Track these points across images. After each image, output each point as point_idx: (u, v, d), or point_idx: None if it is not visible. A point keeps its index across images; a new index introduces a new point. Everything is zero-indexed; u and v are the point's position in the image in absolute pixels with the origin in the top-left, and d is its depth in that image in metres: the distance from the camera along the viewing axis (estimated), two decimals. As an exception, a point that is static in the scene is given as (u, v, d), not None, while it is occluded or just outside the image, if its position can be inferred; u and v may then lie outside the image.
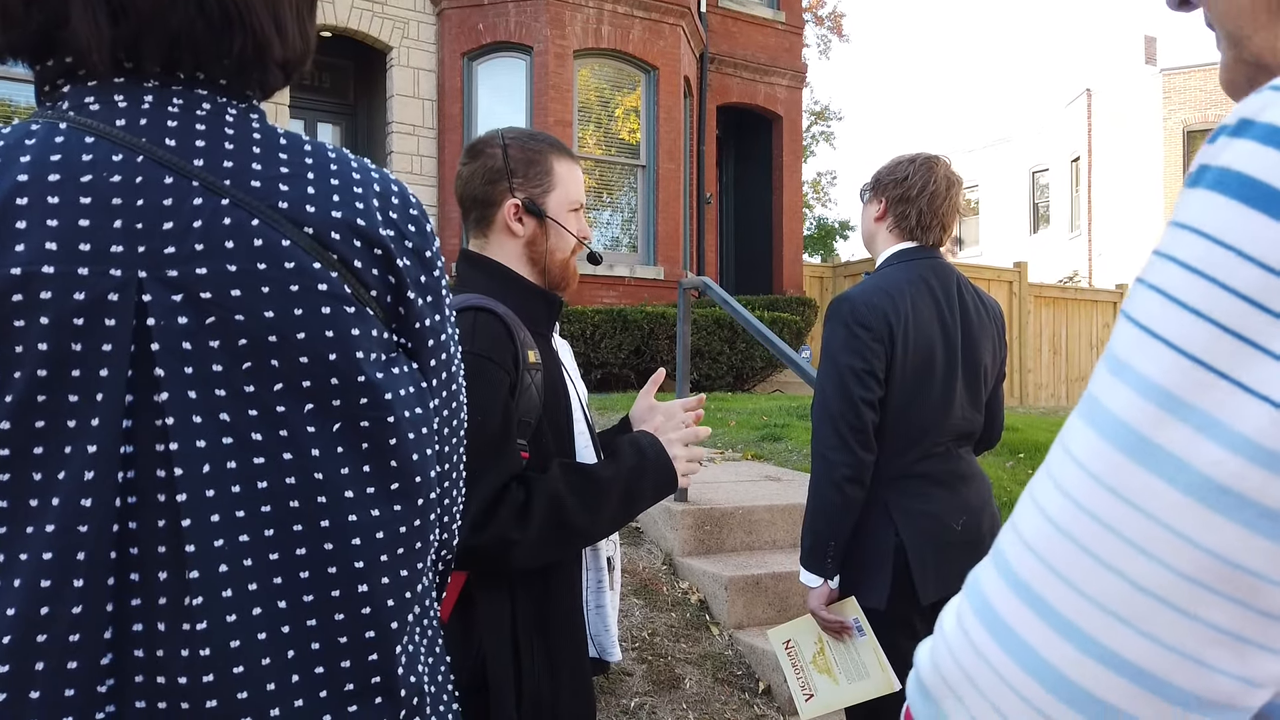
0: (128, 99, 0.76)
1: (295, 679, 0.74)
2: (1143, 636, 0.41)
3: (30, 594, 0.67)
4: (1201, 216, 0.43)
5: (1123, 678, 0.42)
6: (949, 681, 0.47)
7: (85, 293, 0.69)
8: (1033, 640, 0.44)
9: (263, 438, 0.74)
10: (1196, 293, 0.42)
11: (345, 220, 0.78)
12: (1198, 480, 0.40)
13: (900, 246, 2.21)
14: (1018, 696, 0.44)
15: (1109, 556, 0.42)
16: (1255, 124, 0.42)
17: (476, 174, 1.61)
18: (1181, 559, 0.40)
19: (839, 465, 2.03)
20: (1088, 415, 0.45)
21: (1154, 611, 0.41)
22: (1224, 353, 0.40)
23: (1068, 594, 0.43)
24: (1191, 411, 0.41)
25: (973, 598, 0.48)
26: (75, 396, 0.69)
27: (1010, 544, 0.47)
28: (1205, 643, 0.41)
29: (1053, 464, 0.46)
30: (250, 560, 0.73)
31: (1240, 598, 0.40)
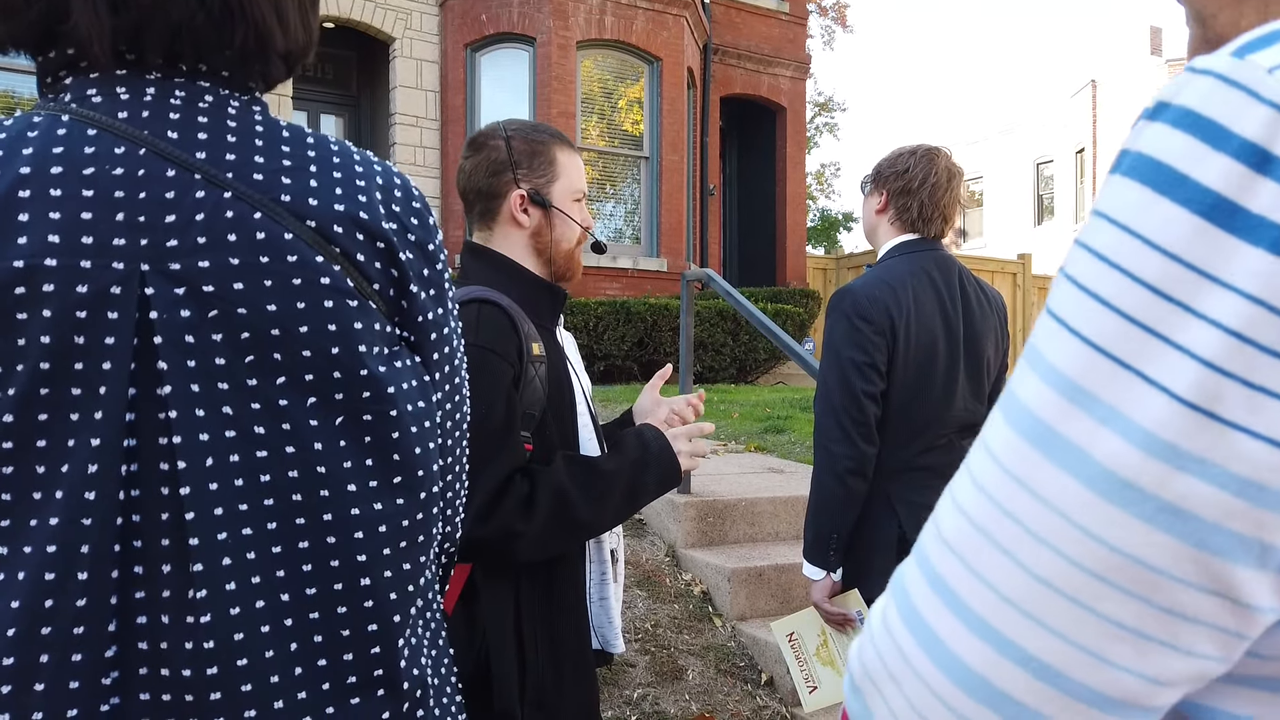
0: (130, 91, 0.75)
1: (298, 671, 0.74)
2: (1048, 632, 0.41)
3: (34, 586, 0.67)
4: (1113, 203, 0.42)
5: (1030, 674, 0.41)
6: (874, 678, 0.47)
7: (88, 285, 0.69)
8: (946, 636, 0.43)
9: (265, 431, 0.74)
10: (1104, 281, 0.41)
11: (348, 213, 0.78)
12: (1099, 473, 0.39)
13: (902, 239, 2.21)
14: (932, 693, 0.44)
15: (1016, 550, 0.41)
16: (1170, 107, 0.41)
17: (480, 167, 1.61)
18: (1083, 553, 0.40)
19: (841, 458, 2.03)
20: (1003, 405, 0.44)
21: (1058, 606, 0.40)
22: (1128, 343, 0.40)
23: (978, 588, 0.43)
24: (1095, 403, 0.40)
25: (896, 593, 0.48)
26: (78, 389, 0.69)
27: (929, 538, 0.46)
28: (1107, 639, 0.40)
29: (971, 456, 0.46)
30: (253, 553, 0.73)
31: (1141, 593, 0.39)
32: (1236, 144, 0.38)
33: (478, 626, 1.42)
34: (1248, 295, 0.37)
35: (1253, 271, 0.37)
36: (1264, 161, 0.38)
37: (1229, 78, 0.40)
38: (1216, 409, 0.38)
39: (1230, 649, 0.41)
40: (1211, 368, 0.38)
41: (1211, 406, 0.38)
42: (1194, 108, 0.40)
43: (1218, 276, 0.38)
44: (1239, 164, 0.38)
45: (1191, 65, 0.42)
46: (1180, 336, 0.39)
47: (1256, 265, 0.37)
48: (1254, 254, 0.37)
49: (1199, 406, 0.38)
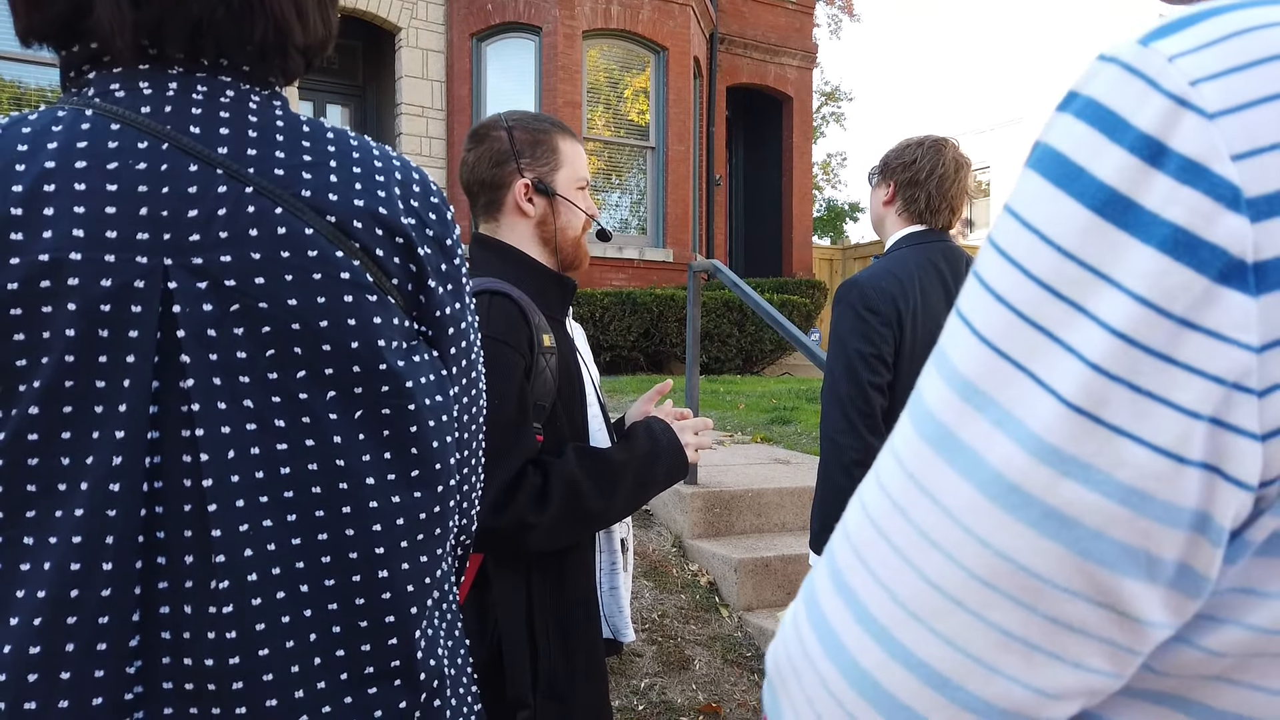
0: (152, 86, 0.76)
1: (317, 661, 0.75)
2: (937, 637, 0.40)
3: (60, 576, 0.68)
4: (1017, 197, 0.40)
5: (920, 680, 0.40)
6: (782, 675, 0.46)
7: (112, 279, 0.70)
8: (845, 637, 0.42)
9: (286, 424, 0.75)
10: (1003, 278, 0.39)
11: (367, 209, 0.78)
12: (990, 476, 0.38)
13: (909, 230, 2.21)
14: (828, 692, 0.43)
15: (910, 552, 0.40)
16: (1078, 97, 0.40)
17: (483, 158, 1.61)
18: (972, 558, 0.39)
19: (847, 449, 2.04)
20: (909, 406, 0.43)
21: (947, 611, 0.39)
22: (1021, 342, 0.38)
23: (873, 587, 0.42)
24: (989, 403, 0.39)
25: (805, 590, 0.46)
26: (102, 382, 0.70)
27: (837, 536, 0.45)
28: (995, 648, 0.39)
29: (879, 457, 0.45)
30: (274, 545, 0.74)
31: (1028, 602, 0.38)
32: (1133, 136, 0.37)
33: (489, 616, 1.43)
34: (1136, 295, 0.36)
35: (1142, 271, 0.36)
36: (1158, 155, 0.36)
37: (1132, 66, 0.38)
38: (1102, 413, 0.36)
39: (1122, 664, 0.39)
40: (1098, 370, 0.36)
41: (1097, 410, 0.36)
42: (1097, 97, 0.39)
43: (1108, 275, 0.37)
44: (1134, 157, 0.37)
45: (1102, 53, 0.40)
46: (1070, 337, 0.37)
47: (1146, 264, 0.36)
48: (1144, 252, 0.36)
49: (1085, 410, 0.37)
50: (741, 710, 3.08)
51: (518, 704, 1.41)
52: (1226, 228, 0.35)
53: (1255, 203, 0.35)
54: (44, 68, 7.91)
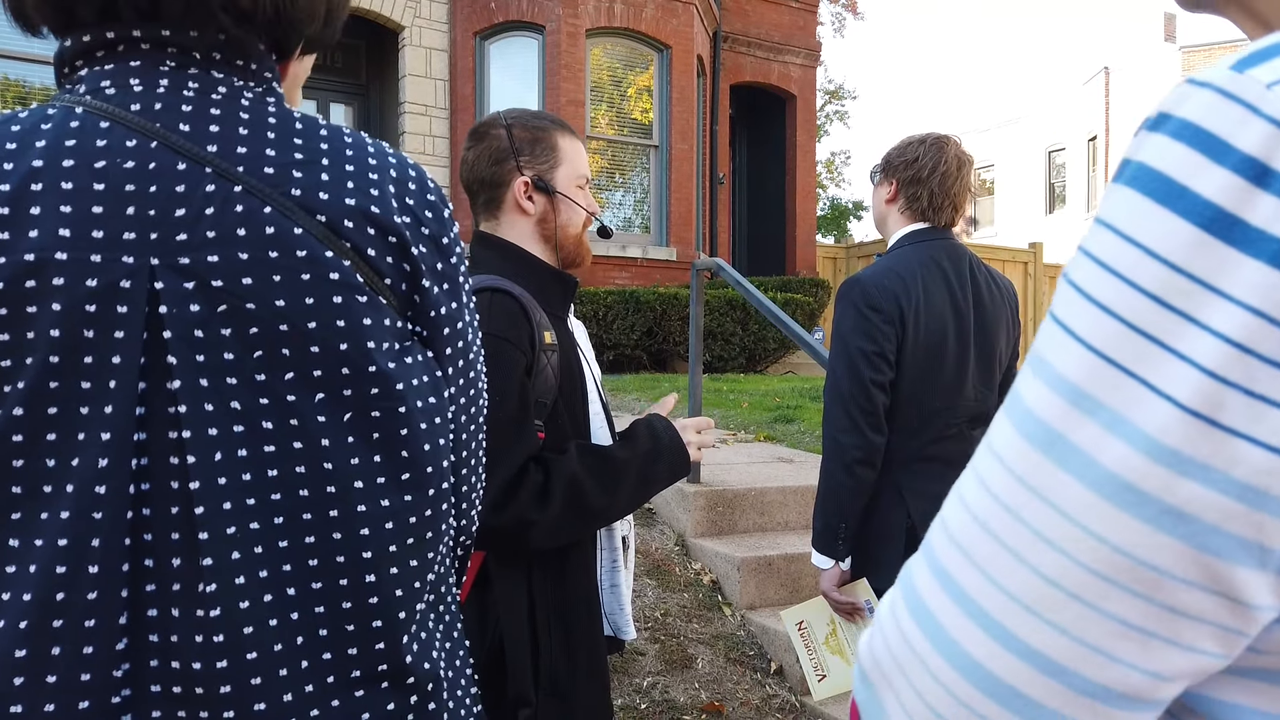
0: (143, 83, 0.75)
1: (304, 664, 0.75)
2: (1053, 629, 0.42)
3: (46, 579, 0.68)
4: (1116, 212, 0.43)
5: (1035, 669, 0.42)
6: (884, 671, 0.48)
7: (98, 279, 0.70)
8: (954, 631, 0.45)
9: (273, 426, 0.74)
10: (1107, 289, 0.42)
11: (359, 208, 0.77)
12: (1104, 477, 0.41)
13: (912, 228, 2.20)
14: (940, 686, 0.45)
15: (1022, 550, 0.43)
16: (1171, 118, 0.42)
17: (483, 156, 1.61)
18: (1088, 553, 0.41)
19: (850, 448, 2.03)
20: (1008, 409, 0.45)
21: (1063, 604, 0.42)
22: (1131, 350, 0.41)
23: (984, 584, 0.44)
24: (1101, 408, 0.41)
25: (904, 588, 0.49)
26: (88, 383, 0.70)
27: (937, 536, 0.48)
28: (1111, 636, 0.41)
29: (978, 458, 0.47)
30: (261, 547, 0.73)
31: (1145, 593, 0.41)
32: (1236, 158, 0.39)
33: (490, 614, 1.43)
34: (1248, 307, 0.39)
35: (1252, 284, 0.38)
36: (1263, 175, 0.39)
37: (1229, 92, 0.41)
38: (1218, 416, 0.39)
39: (1230, 645, 0.42)
40: (1213, 376, 0.39)
41: (1213, 414, 0.39)
42: (1194, 120, 0.41)
43: (1218, 288, 0.39)
44: (1238, 178, 0.39)
45: (1192, 78, 0.43)
46: (1182, 345, 0.40)
47: (1256, 278, 0.38)
48: (1254, 266, 0.39)
49: (1201, 414, 0.39)
50: (744, 709, 3.08)
51: (519, 701, 1.41)
52: None
53: None
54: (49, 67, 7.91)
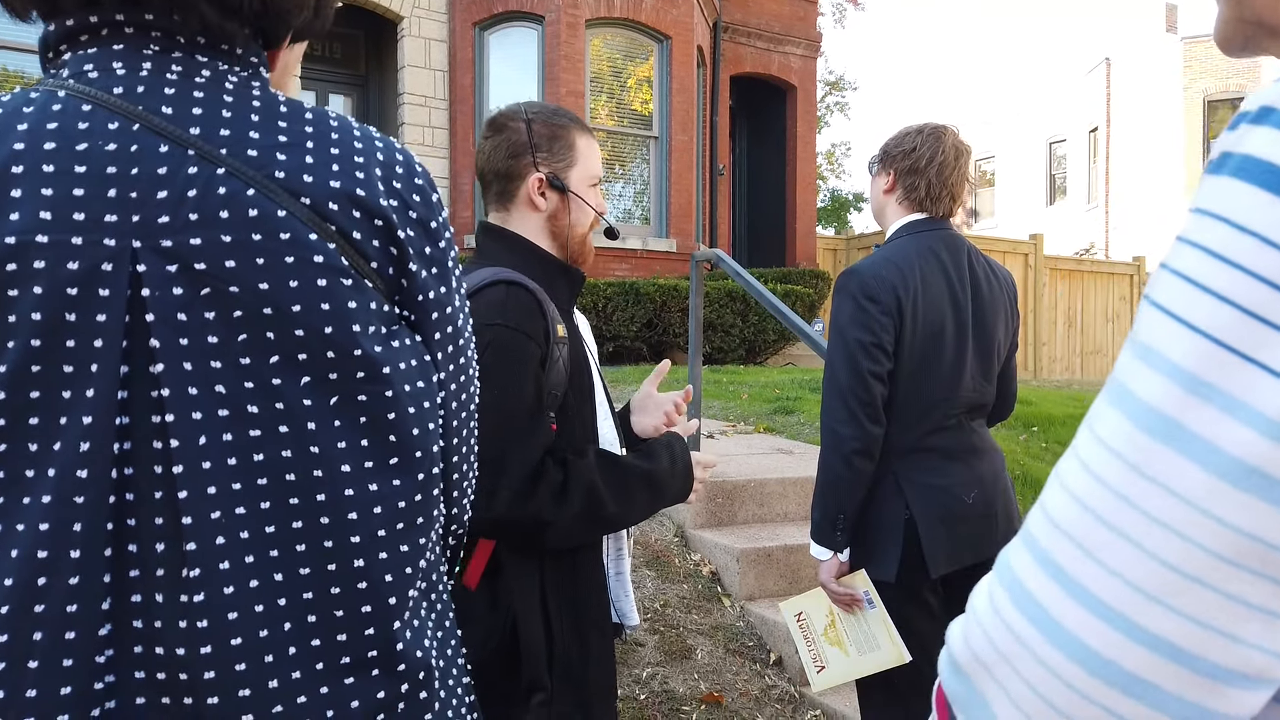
0: (126, 66, 0.75)
1: (292, 651, 0.74)
2: (1176, 614, 0.42)
3: (27, 564, 0.67)
4: (1224, 203, 0.43)
5: (1158, 655, 0.43)
6: (984, 662, 0.48)
7: (79, 262, 0.69)
8: (1067, 620, 0.45)
9: (259, 410, 0.73)
10: (1220, 278, 0.42)
11: (344, 190, 0.77)
12: (1225, 461, 0.41)
13: (910, 218, 2.19)
14: (1054, 676, 0.45)
15: (1140, 537, 0.43)
16: (1276, 111, 0.43)
17: (500, 148, 1.61)
18: (1212, 538, 0.41)
19: (848, 439, 2.03)
20: (1115, 399, 0.46)
21: (1186, 589, 0.42)
22: (1248, 336, 0.41)
23: (1100, 574, 0.44)
24: (1218, 394, 0.41)
25: (1004, 578, 0.49)
26: (70, 367, 0.69)
27: (1040, 525, 0.47)
28: (1237, 618, 0.42)
29: (1080, 447, 0.47)
30: (246, 533, 0.73)
31: (1271, 574, 0.41)
32: None
33: (502, 601, 1.44)
34: None
35: None
36: None
37: None
38: None
39: None
40: None
41: None
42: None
43: None
44: None
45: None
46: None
47: None
48: None
49: None
50: (743, 699, 3.08)
51: (534, 687, 1.42)
52: None
53: None
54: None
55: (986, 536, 2.13)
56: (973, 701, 0.49)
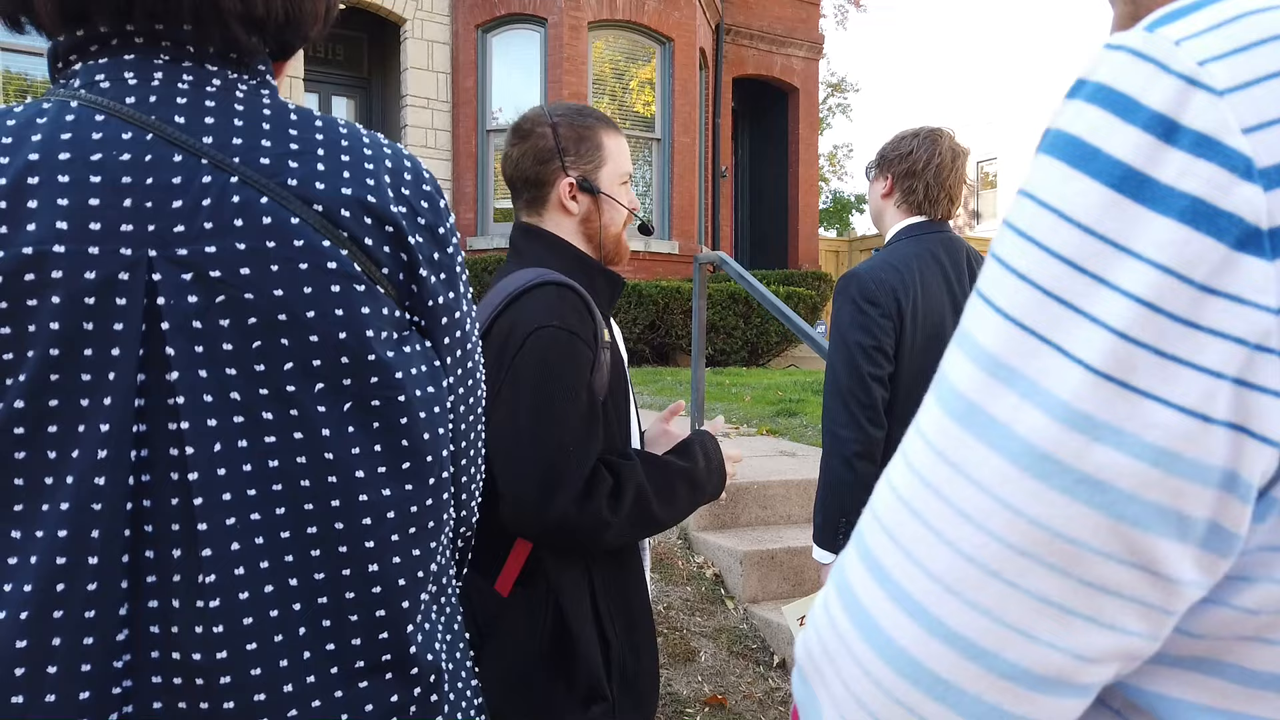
0: (138, 76, 0.75)
1: (306, 655, 0.75)
2: (973, 609, 0.41)
3: (46, 571, 0.68)
4: (1033, 180, 0.42)
5: (957, 652, 0.41)
6: (815, 663, 0.47)
7: (96, 271, 0.70)
8: (880, 617, 0.43)
9: (273, 417, 0.74)
10: (1024, 258, 0.41)
11: (355, 197, 0.77)
12: (1021, 447, 0.40)
13: (909, 221, 2.20)
14: (866, 674, 0.43)
15: (941, 526, 0.42)
16: (1086, 83, 0.42)
17: (527, 155, 1.58)
18: (1006, 527, 0.40)
19: (849, 442, 2.03)
20: (934, 386, 0.45)
21: (982, 582, 0.40)
22: (1046, 317, 0.40)
23: (908, 567, 0.42)
24: (1016, 377, 0.40)
25: (835, 576, 0.47)
26: (88, 375, 0.70)
27: (866, 520, 0.46)
28: (1033, 614, 0.40)
29: (906, 438, 0.46)
30: (262, 538, 0.73)
31: (1064, 567, 0.39)
32: (1145, 115, 0.39)
33: (541, 607, 1.41)
34: (1157, 264, 0.38)
35: (1161, 241, 0.38)
36: (1171, 132, 0.38)
37: (1140, 51, 0.40)
38: (1129, 378, 0.38)
39: (1156, 625, 0.41)
40: (1123, 337, 0.38)
41: (1124, 376, 0.38)
42: (1107, 82, 0.41)
43: (1128, 247, 0.38)
44: (1147, 135, 0.39)
45: (1108, 41, 0.43)
46: (1093, 308, 0.39)
47: (1165, 235, 0.38)
48: (1162, 223, 0.38)
49: (1112, 376, 0.38)
50: (747, 702, 3.08)
51: (595, 696, 1.40)
52: (1241, 197, 0.37)
53: (1267, 172, 0.37)
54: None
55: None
56: (809, 704, 0.47)
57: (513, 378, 1.37)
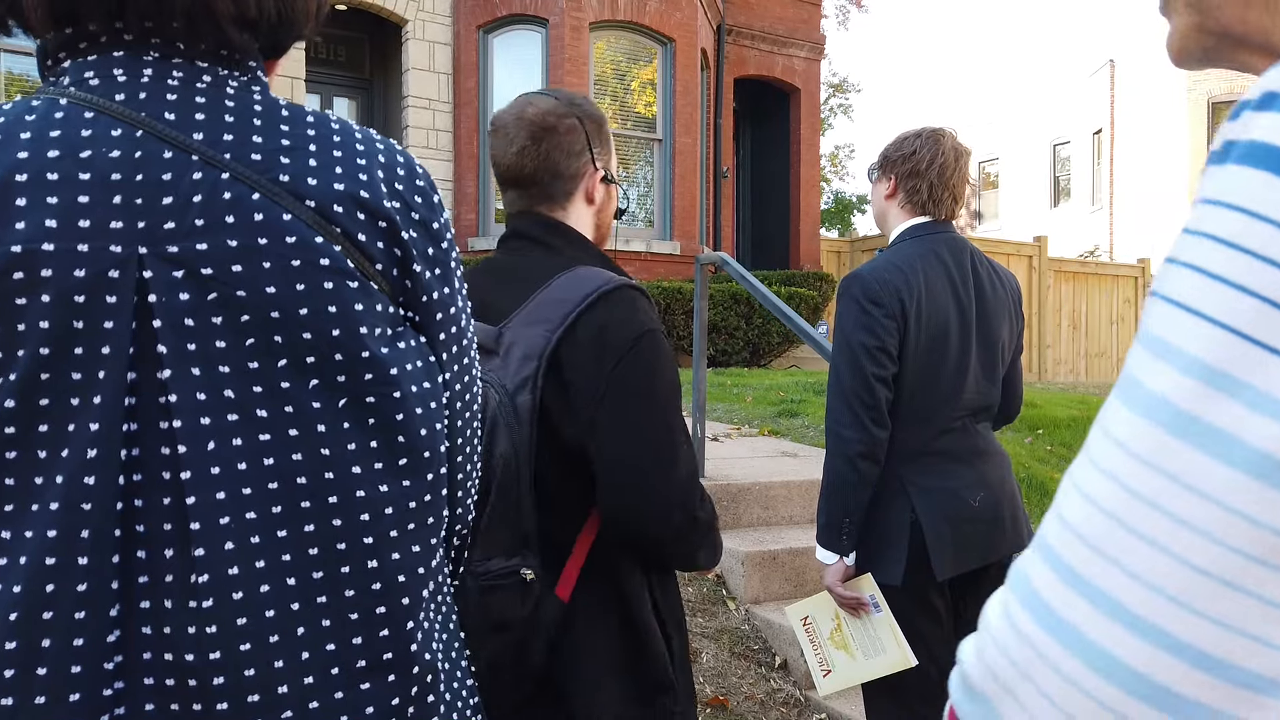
0: (127, 73, 0.75)
1: (305, 656, 0.74)
2: (1206, 620, 0.40)
3: (35, 571, 0.67)
4: (1233, 191, 0.42)
5: (1187, 664, 0.40)
6: (1001, 680, 0.46)
7: (86, 269, 0.69)
8: (1090, 631, 0.42)
9: (268, 414, 0.73)
10: (1237, 268, 0.41)
11: (348, 193, 0.77)
12: (1251, 455, 0.39)
13: (912, 222, 2.20)
14: (1076, 689, 0.43)
15: (1160, 537, 0.41)
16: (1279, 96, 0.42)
17: (559, 149, 1.53)
18: (1238, 535, 0.39)
19: (853, 442, 2.02)
20: (1127, 397, 0.44)
21: (1212, 591, 0.40)
22: (1270, 326, 0.39)
23: (1120, 578, 0.42)
24: (1240, 386, 0.40)
25: (1019, 589, 0.46)
26: (78, 374, 0.69)
27: (1055, 532, 0.45)
28: (1271, 622, 0.40)
29: (1093, 448, 0.45)
30: (257, 538, 0.73)
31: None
32: None
33: (608, 608, 1.41)
34: None
35: None
36: None
37: None
38: None
39: None
40: None
41: None
42: None
43: None
44: None
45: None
46: None
47: None
48: None
49: None
50: (749, 703, 3.07)
51: (662, 686, 1.41)
52: None
53: None
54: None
55: (992, 539, 2.12)
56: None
57: (624, 382, 1.34)
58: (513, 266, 1.51)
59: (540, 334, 1.35)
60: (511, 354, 1.35)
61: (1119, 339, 12.85)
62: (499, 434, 1.30)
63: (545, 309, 1.38)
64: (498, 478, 1.29)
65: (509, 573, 1.28)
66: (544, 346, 1.33)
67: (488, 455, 1.27)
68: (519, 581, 1.28)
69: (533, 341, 1.34)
